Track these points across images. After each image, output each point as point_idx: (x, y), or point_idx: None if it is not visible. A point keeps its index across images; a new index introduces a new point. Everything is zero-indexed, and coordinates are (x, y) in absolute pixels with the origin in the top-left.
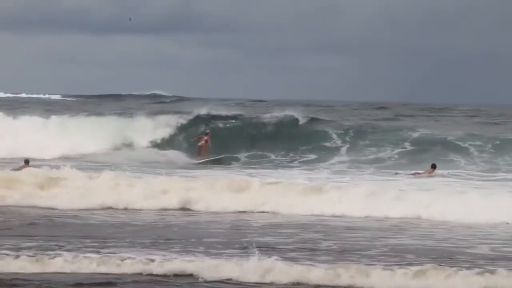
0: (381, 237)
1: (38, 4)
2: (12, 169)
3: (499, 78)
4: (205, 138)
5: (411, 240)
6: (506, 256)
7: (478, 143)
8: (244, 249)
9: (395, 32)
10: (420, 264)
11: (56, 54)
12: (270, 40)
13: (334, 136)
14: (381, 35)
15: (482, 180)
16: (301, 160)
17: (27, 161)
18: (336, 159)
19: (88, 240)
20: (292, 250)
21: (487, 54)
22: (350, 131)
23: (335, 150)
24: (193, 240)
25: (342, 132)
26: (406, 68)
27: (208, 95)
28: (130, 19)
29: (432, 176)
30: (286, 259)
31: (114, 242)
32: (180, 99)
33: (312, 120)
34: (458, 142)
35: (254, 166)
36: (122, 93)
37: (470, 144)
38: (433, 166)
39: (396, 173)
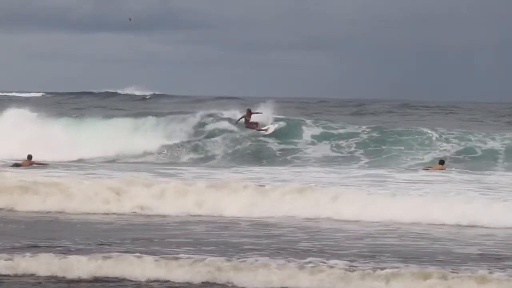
0: (368, 238)
1: (18, 1)
2: (14, 163)
3: (484, 76)
4: (245, 116)
5: (400, 241)
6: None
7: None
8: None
9: (378, 29)
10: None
11: (35, 51)
12: (250, 37)
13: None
14: (364, 33)
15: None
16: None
17: (30, 157)
18: (307, 132)
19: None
20: (258, 250)
21: (470, 52)
22: (313, 115)
23: (302, 120)
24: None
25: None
26: (389, 66)
27: (187, 93)
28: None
29: (443, 170)
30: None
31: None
32: (158, 96)
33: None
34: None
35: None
36: (102, 90)
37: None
38: (441, 162)
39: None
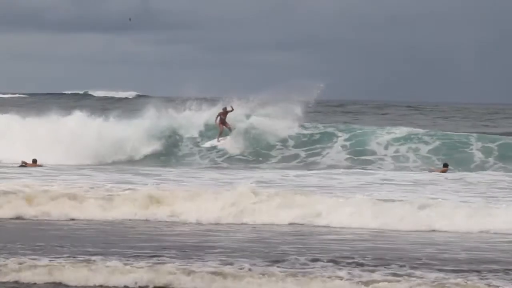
0: (357, 243)
1: None
2: (22, 163)
3: (470, 77)
4: (221, 115)
5: (382, 245)
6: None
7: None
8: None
9: (360, 29)
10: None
11: (15, 52)
12: (235, 37)
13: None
14: (346, 33)
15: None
16: None
17: (34, 161)
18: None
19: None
20: (226, 251)
21: (457, 53)
22: None
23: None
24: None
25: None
26: (375, 66)
27: (171, 94)
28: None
29: (445, 172)
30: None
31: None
32: (141, 97)
33: None
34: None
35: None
36: (81, 92)
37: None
38: (445, 165)
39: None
